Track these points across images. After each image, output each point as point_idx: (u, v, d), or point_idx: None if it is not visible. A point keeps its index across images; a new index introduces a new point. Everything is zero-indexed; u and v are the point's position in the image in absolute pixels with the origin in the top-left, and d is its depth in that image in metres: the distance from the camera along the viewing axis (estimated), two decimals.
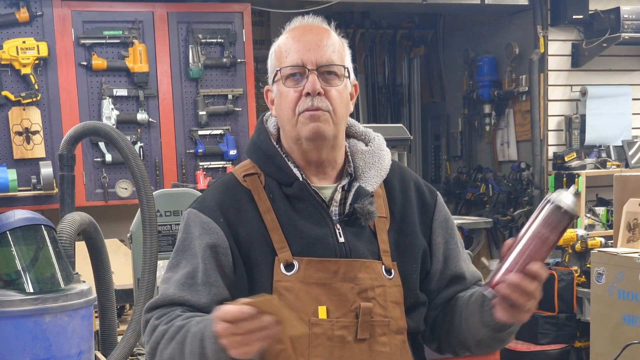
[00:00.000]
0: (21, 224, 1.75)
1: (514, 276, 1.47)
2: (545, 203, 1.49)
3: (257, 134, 1.73)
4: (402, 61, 7.06)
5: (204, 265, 1.60)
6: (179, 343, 1.51)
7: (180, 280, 1.61)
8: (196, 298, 1.59)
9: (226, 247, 1.61)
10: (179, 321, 1.55)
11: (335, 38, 1.66)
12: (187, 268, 1.61)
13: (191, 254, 1.62)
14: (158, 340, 1.56)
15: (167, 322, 1.56)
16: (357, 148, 1.73)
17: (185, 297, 1.59)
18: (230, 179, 1.70)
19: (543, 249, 1.48)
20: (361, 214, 1.63)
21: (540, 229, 1.48)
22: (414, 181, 1.77)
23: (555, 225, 1.48)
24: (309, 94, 1.59)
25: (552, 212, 1.47)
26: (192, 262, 1.61)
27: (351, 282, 1.60)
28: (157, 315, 1.60)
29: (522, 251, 1.48)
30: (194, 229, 1.64)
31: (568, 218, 1.47)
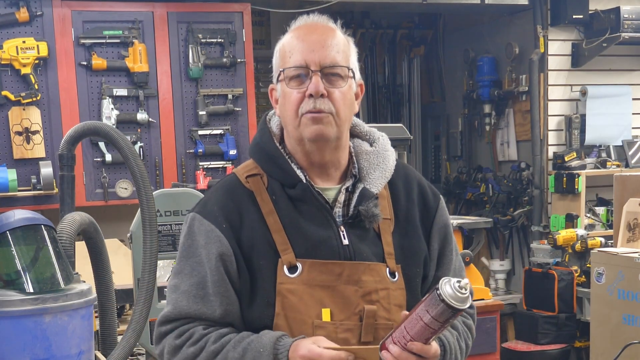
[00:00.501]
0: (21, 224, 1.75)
1: (395, 350, 1.49)
2: (434, 287, 1.46)
3: (260, 134, 1.71)
4: (402, 61, 7.05)
5: (213, 276, 1.58)
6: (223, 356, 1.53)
7: (191, 292, 1.59)
8: (211, 310, 1.58)
9: (230, 254, 1.60)
10: (210, 345, 1.55)
11: (340, 37, 1.64)
12: (195, 277, 1.60)
13: (197, 262, 1.61)
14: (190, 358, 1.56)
15: (194, 344, 1.56)
16: (362, 148, 1.71)
17: (200, 310, 1.58)
18: (233, 181, 1.68)
19: (424, 332, 1.47)
20: (365, 216, 1.62)
21: (422, 312, 1.47)
22: (417, 182, 1.75)
23: (435, 312, 1.45)
24: (311, 96, 1.58)
25: (433, 299, 1.45)
26: (199, 270, 1.60)
27: (355, 285, 1.59)
28: (176, 334, 1.59)
29: (407, 327, 1.49)
30: (199, 236, 1.62)
31: (447, 308, 1.44)
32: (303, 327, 1.56)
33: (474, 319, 1.77)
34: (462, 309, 1.44)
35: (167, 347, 1.59)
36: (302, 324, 1.56)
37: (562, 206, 5.51)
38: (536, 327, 5.03)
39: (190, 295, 1.59)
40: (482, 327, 3.94)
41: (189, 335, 1.57)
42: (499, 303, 4.20)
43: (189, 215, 1.68)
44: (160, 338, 1.62)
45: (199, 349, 1.55)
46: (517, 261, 6.09)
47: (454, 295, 1.43)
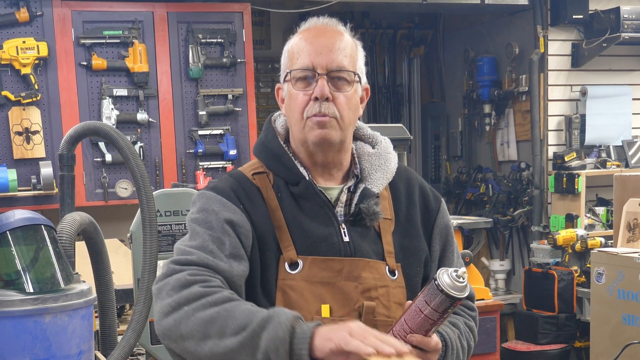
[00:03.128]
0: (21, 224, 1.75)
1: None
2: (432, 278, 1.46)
3: (265, 133, 1.74)
4: (402, 61, 7.06)
5: (230, 238, 1.56)
6: (226, 310, 1.44)
7: (207, 247, 1.55)
8: (228, 267, 1.54)
9: (249, 229, 1.59)
10: (226, 292, 1.48)
11: (348, 41, 1.65)
12: (211, 237, 1.57)
13: (210, 227, 1.58)
14: (191, 298, 1.47)
15: (207, 287, 1.48)
16: (364, 150, 1.74)
17: (218, 263, 1.53)
18: (240, 175, 1.70)
19: (424, 323, 1.47)
20: (366, 214, 1.64)
21: (421, 303, 1.47)
22: (419, 185, 1.78)
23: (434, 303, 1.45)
24: (317, 99, 1.59)
25: (432, 290, 1.45)
26: (213, 233, 1.57)
27: (355, 281, 1.60)
28: (190, 272, 1.51)
29: (407, 319, 1.49)
30: (213, 205, 1.61)
31: (445, 298, 1.44)
32: None
33: (476, 321, 1.78)
34: (461, 298, 1.44)
35: (174, 281, 1.50)
36: None
37: (562, 206, 5.51)
38: (536, 327, 5.03)
39: (206, 250, 1.54)
40: (482, 327, 3.94)
41: (205, 279, 1.50)
42: (499, 303, 4.20)
43: (196, 194, 1.67)
44: (170, 274, 1.52)
45: (211, 292, 1.47)
46: (517, 261, 6.09)
47: (452, 285, 1.44)
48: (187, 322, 1.46)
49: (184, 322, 1.46)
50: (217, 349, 1.43)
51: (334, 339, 1.36)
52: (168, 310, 1.48)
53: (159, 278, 1.55)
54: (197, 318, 1.45)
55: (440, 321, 1.48)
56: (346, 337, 1.35)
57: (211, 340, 1.43)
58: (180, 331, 1.47)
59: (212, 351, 1.44)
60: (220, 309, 1.44)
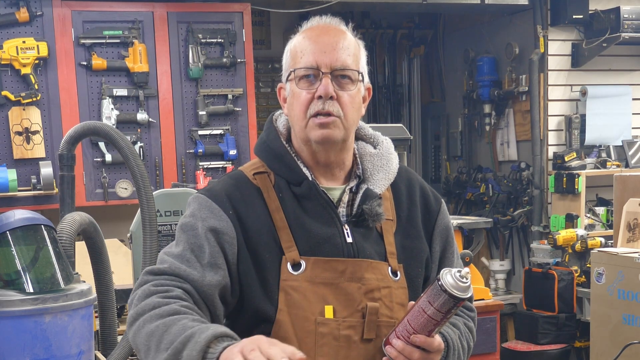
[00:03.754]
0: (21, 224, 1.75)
1: (399, 344, 1.51)
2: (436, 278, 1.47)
3: (267, 133, 1.73)
4: (402, 61, 7.05)
5: (210, 247, 1.57)
6: (165, 325, 1.45)
7: (185, 255, 1.57)
8: (201, 274, 1.55)
9: (233, 237, 1.59)
10: (176, 305, 1.49)
11: (351, 40, 1.65)
12: (191, 245, 1.58)
13: (194, 234, 1.59)
14: (146, 309, 1.49)
15: (164, 297, 1.50)
16: (366, 150, 1.73)
17: (190, 272, 1.54)
18: (240, 175, 1.69)
19: (427, 324, 1.47)
20: (369, 215, 1.64)
21: (425, 304, 1.47)
22: (420, 185, 1.78)
23: (437, 303, 1.46)
24: (321, 97, 1.59)
25: (435, 290, 1.46)
26: (196, 241, 1.58)
27: (358, 282, 1.60)
28: (155, 283, 1.54)
29: (410, 320, 1.50)
30: (202, 211, 1.61)
31: (449, 298, 1.44)
32: (306, 323, 1.57)
33: (474, 321, 1.79)
34: (464, 298, 1.45)
35: (140, 292, 1.53)
36: (305, 321, 1.56)
37: (562, 206, 5.51)
38: (536, 327, 5.03)
39: (184, 259, 1.56)
40: (482, 327, 3.94)
41: (166, 289, 1.52)
42: (499, 303, 4.20)
43: (193, 196, 1.67)
44: (140, 285, 1.56)
45: (165, 303, 1.49)
46: (517, 261, 6.09)
47: (455, 285, 1.44)
48: (139, 334, 1.49)
49: (137, 334, 1.49)
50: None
51: (229, 358, 1.34)
52: (131, 321, 1.52)
53: (134, 288, 1.58)
54: (144, 331, 1.47)
55: (443, 321, 1.48)
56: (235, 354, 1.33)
57: (150, 354, 1.45)
58: (135, 343, 1.51)
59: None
60: (161, 323, 1.45)
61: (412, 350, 1.50)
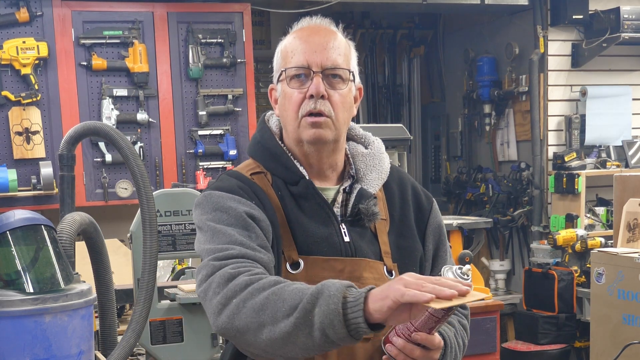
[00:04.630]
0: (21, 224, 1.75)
1: (399, 342, 1.50)
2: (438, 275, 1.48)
3: (261, 133, 1.73)
4: (402, 61, 7.05)
5: (255, 232, 1.54)
6: (275, 294, 1.39)
7: (238, 240, 1.51)
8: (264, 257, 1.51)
9: (268, 224, 1.58)
10: (272, 277, 1.44)
11: (342, 40, 1.66)
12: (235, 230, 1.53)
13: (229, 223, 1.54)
14: (238, 290, 1.43)
15: (252, 275, 1.45)
16: (357, 151, 1.74)
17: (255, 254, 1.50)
18: (240, 174, 1.68)
19: (428, 321, 1.46)
20: (365, 214, 1.64)
21: None
22: (411, 185, 1.79)
23: None
24: (312, 96, 1.59)
25: None
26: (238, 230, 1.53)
27: (357, 281, 1.60)
28: (233, 266, 1.47)
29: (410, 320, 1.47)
30: (228, 202, 1.57)
31: None
32: None
33: (468, 319, 1.79)
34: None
35: (218, 278, 1.46)
36: None
37: (562, 206, 5.51)
38: (536, 327, 5.03)
39: (236, 243, 1.51)
40: (482, 327, 3.94)
41: (248, 269, 1.46)
42: (499, 303, 4.20)
43: (202, 196, 1.63)
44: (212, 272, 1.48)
45: (256, 278, 1.43)
46: (517, 261, 6.09)
47: None
48: (240, 315, 1.42)
49: (237, 316, 1.43)
50: (273, 335, 1.39)
51: (390, 295, 1.29)
52: (219, 308, 1.46)
53: (201, 280, 1.51)
54: (247, 308, 1.41)
55: (444, 319, 1.48)
56: (401, 290, 1.29)
57: (266, 328, 1.39)
58: (235, 326, 1.43)
59: (270, 338, 1.39)
60: (269, 294, 1.40)
61: (413, 348, 1.50)
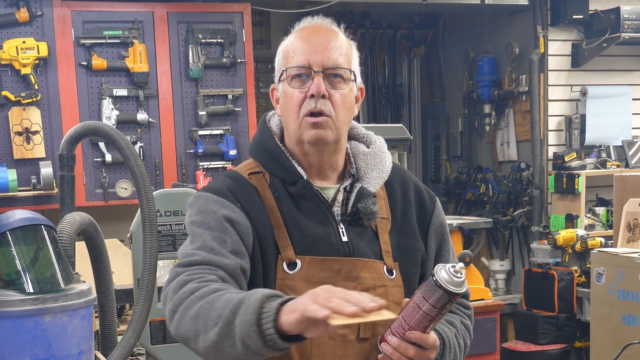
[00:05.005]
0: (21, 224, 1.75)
1: (394, 340, 1.51)
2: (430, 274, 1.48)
3: (261, 133, 1.73)
4: (402, 61, 7.05)
5: (231, 236, 1.56)
6: (209, 303, 1.42)
7: (208, 246, 1.55)
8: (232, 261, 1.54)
9: (248, 227, 1.59)
10: (215, 284, 1.48)
11: (343, 40, 1.66)
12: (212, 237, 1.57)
13: (210, 227, 1.58)
14: (185, 297, 1.48)
15: (200, 282, 1.49)
16: (359, 150, 1.73)
17: (220, 259, 1.53)
18: (236, 174, 1.69)
19: (422, 320, 1.48)
20: (364, 213, 1.64)
21: (419, 300, 1.48)
22: (414, 184, 1.78)
23: (432, 299, 1.46)
24: (313, 96, 1.59)
25: (430, 286, 1.46)
26: (213, 233, 1.57)
27: (354, 281, 1.60)
28: (189, 273, 1.52)
29: (405, 316, 1.50)
30: (211, 205, 1.60)
31: (444, 294, 1.44)
32: None
33: (471, 319, 1.79)
34: (459, 293, 1.45)
35: (174, 284, 1.52)
36: None
37: (562, 206, 5.51)
38: (536, 327, 5.03)
39: (207, 249, 1.55)
40: (482, 327, 3.94)
41: (201, 276, 1.51)
42: (499, 303, 4.20)
43: (193, 197, 1.66)
44: (172, 278, 1.55)
45: (202, 286, 1.48)
46: (517, 261, 6.09)
47: (450, 280, 1.44)
48: (182, 322, 1.46)
49: (181, 323, 1.47)
50: (205, 343, 1.42)
51: (298, 308, 1.29)
52: (170, 315, 1.50)
53: (164, 285, 1.56)
54: (188, 316, 1.45)
55: (438, 317, 1.48)
56: (307, 304, 1.28)
57: (201, 336, 1.43)
58: (181, 333, 1.48)
59: (204, 346, 1.43)
60: (204, 302, 1.43)
61: (407, 346, 1.50)
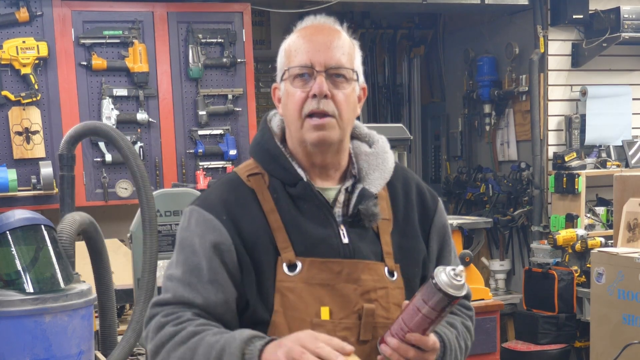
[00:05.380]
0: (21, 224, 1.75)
1: (393, 342, 1.52)
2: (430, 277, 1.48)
3: (261, 133, 1.72)
4: (402, 61, 7.05)
5: (209, 263, 1.58)
6: (190, 350, 1.50)
7: (185, 279, 1.59)
8: (205, 296, 1.57)
9: (229, 244, 1.59)
10: (191, 327, 1.53)
11: (346, 40, 1.64)
12: (188, 266, 1.59)
13: (191, 251, 1.60)
14: (164, 340, 1.54)
15: (177, 324, 1.54)
16: (361, 150, 1.72)
17: (192, 296, 1.57)
18: (234, 178, 1.68)
19: (422, 322, 1.48)
20: (365, 215, 1.63)
21: (419, 302, 1.48)
22: (416, 184, 1.76)
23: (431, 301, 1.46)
24: (315, 96, 1.58)
25: (429, 289, 1.47)
26: (192, 259, 1.59)
27: (354, 284, 1.59)
28: (164, 313, 1.57)
29: (405, 318, 1.50)
30: (196, 227, 1.62)
31: (443, 297, 1.45)
32: (302, 325, 1.55)
33: (472, 320, 1.78)
34: (459, 297, 1.45)
35: (153, 325, 1.58)
36: (301, 322, 1.56)
37: (562, 206, 5.51)
38: (536, 327, 5.03)
39: (185, 283, 1.58)
40: (482, 327, 3.94)
41: (176, 316, 1.56)
42: (499, 303, 4.20)
43: (188, 208, 1.67)
44: (150, 318, 1.60)
45: (180, 329, 1.53)
46: (517, 261, 6.09)
47: (450, 283, 1.44)
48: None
49: None
50: None
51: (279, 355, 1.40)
52: (152, 356, 1.57)
53: (145, 322, 1.63)
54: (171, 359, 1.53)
55: (438, 320, 1.48)
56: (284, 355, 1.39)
57: None
58: None
59: None
60: (186, 348, 1.51)
61: (407, 348, 1.50)
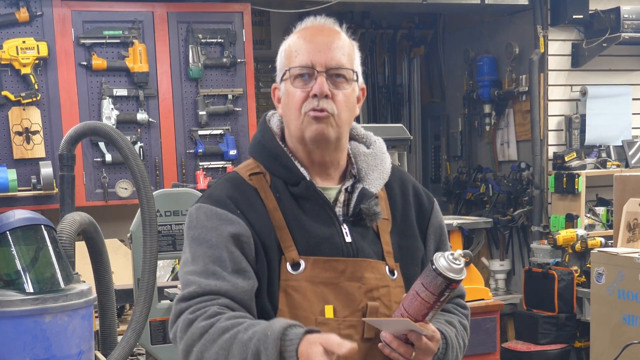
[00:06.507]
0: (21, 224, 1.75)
1: (387, 336, 1.55)
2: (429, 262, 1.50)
3: (261, 133, 1.72)
4: (402, 61, 7.05)
5: (230, 254, 1.57)
6: (224, 349, 1.48)
7: (208, 270, 1.56)
8: (233, 283, 1.55)
9: (249, 235, 1.59)
10: (222, 322, 1.51)
11: (345, 40, 1.66)
12: (211, 258, 1.57)
13: (210, 245, 1.58)
14: (196, 338, 1.51)
15: (206, 319, 1.52)
16: (359, 150, 1.74)
17: (219, 285, 1.55)
18: (236, 177, 1.69)
19: (421, 307, 1.50)
20: (367, 214, 1.64)
21: (419, 287, 1.50)
22: (412, 185, 1.79)
23: (431, 286, 1.48)
24: (316, 96, 1.59)
25: (429, 273, 1.49)
26: (214, 252, 1.57)
27: (358, 282, 1.61)
28: (192, 310, 1.54)
29: (405, 304, 1.52)
30: (208, 221, 1.60)
31: (443, 281, 1.47)
32: (306, 323, 1.56)
33: (468, 319, 1.80)
34: (458, 280, 1.47)
35: (181, 323, 1.55)
36: (305, 321, 1.56)
37: (562, 206, 5.51)
38: (536, 327, 5.03)
39: (208, 273, 1.56)
40: (482, 327, 3.94)
41: (203, 311, 1.53)
42: (499, 303, 4.20)
43: (194, 207, 1.66)
44: (177, 316, 1.57)
45: (209, 325, 1.51)
46: (517, 261, 6.09)
47: (449, 267, 1.46)
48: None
49: None
50: None
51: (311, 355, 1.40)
52: (184, 355, 1.55)
53: (171, 323, 1.59)
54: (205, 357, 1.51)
55: (437, 305, 1.49)
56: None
57: None
58: None
59: None
60: (219, 348, 1.49)
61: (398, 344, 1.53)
